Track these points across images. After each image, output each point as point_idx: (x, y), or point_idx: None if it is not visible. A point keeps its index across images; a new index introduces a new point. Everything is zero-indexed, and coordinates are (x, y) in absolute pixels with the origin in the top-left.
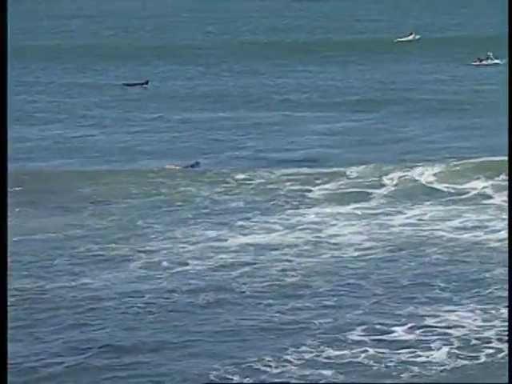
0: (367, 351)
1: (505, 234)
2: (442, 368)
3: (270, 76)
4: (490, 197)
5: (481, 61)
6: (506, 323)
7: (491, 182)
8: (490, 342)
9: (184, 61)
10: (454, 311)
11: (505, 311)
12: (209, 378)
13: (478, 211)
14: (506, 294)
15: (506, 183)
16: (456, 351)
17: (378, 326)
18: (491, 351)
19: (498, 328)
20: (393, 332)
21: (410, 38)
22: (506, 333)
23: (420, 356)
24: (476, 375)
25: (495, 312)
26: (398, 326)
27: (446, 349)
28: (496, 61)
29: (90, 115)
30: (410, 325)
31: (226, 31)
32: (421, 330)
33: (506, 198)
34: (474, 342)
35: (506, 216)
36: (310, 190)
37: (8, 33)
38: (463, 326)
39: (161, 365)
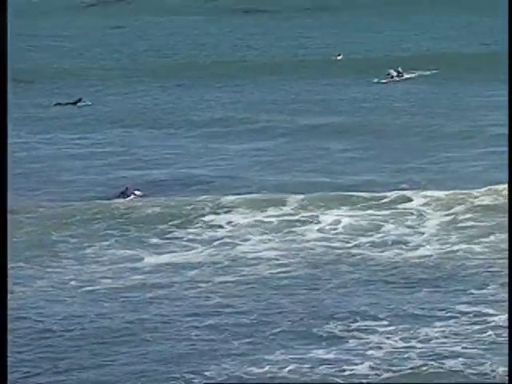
0: (288, 367)
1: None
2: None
3: (182, 95)
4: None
5: (392, 77)
6: (426, 344)
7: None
8: (412, 359)
9: (109, 81)
10: (375, 332)
11: (425, 331)
12: None
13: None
14: (425, 313)
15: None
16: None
17: (298, 346)
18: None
19: (418, 349)
20: (313, 352)
21: (339, 58)
22: (430, 352)
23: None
24: None
25: (414, 332)
26: (319, 347)
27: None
28: (406, 75)
29: (14, 135)
30: (331, 346)
31: (147, 49)
32: (341, 350)
33: (425, 200)
34: (394, 361)
35: (426, 224)
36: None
37: None
38: (382, 348)
39: None
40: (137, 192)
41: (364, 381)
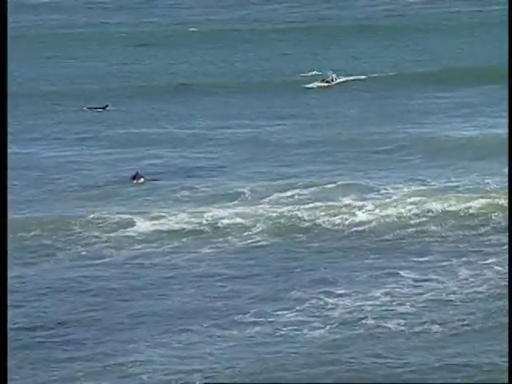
0: (259, 328)
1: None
2: None
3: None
4: None
5: (328, 82)
6: (375, 305)
7: None
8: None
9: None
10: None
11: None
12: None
13: None
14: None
15: None
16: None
17: (268, 312)
18: None
19: (368, 310)
20: (280, 314)
21: (312, 73)
22: (378, 312)
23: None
24: None
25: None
26: (286, 310)
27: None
28: (340, 79)
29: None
30: (296, 307)
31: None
32: (304, 312)
33: None
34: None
35: None
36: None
37: None
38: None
39: None
40: (143, 177)
41: (319, 340)
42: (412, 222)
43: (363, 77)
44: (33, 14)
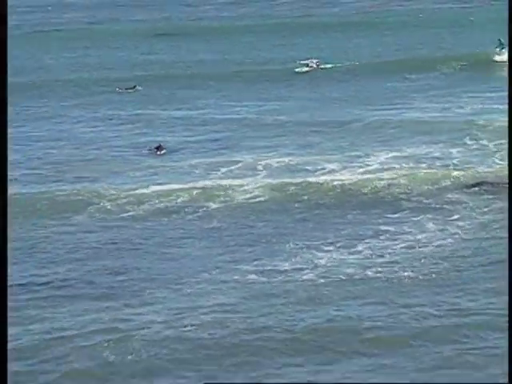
0: (257, 276)
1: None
2: None
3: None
4: None
5: (311, 67)
6: (357, 256)
7: None
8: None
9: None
10: (320, 248)
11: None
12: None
13: None
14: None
15: None
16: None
17: (267, 261)
18: None
19: (351, 260)
20: (277, 264)
21: (307, 61)
22: (360, 263)
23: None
24: None
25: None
26: (282, 260)
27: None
28: (323, 66)
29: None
30: (291, 259)
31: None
32: (296, 261)
33: None
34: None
35: None
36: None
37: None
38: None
39: None
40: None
41: (309, 283)
42: (386, 176)
43: (346, 64)
44: (62, 11)
